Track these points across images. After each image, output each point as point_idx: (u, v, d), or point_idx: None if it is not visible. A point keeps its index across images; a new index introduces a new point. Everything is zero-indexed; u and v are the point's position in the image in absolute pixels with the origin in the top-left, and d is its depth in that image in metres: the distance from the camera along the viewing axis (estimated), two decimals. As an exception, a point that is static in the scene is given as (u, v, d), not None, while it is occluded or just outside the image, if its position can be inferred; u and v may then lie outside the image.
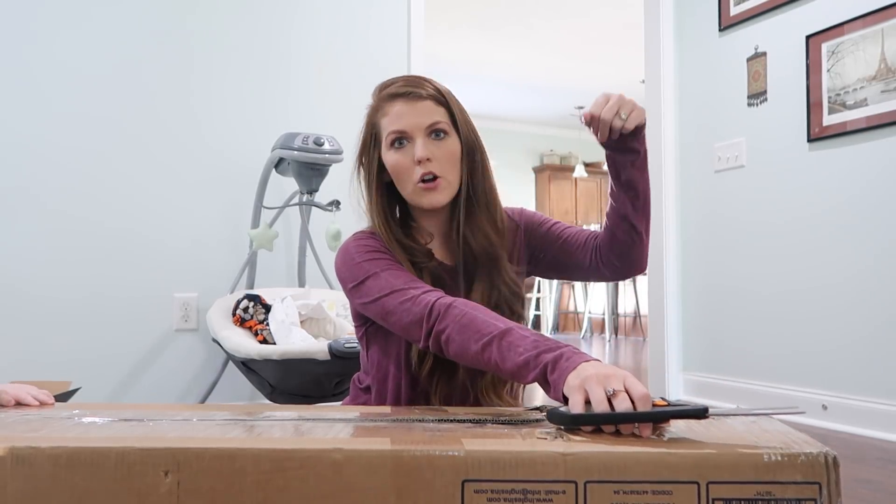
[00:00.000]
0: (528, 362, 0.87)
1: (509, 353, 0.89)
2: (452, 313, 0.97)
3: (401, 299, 1.02)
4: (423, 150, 1.08)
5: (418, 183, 1.09)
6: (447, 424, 0.81)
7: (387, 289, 1.04)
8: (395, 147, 1.10)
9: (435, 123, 1.10)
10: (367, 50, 2.85)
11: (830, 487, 0.66)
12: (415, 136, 1.09)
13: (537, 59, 6.58)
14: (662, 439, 0.73)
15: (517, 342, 0.90)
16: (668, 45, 3.17)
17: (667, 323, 3.12)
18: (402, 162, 1.09)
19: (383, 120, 1.12)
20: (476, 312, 0.96)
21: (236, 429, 0.76)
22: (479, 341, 0.92)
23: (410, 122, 1.09)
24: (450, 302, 0.98)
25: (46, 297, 2.34)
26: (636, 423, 0.75)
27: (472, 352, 0.93)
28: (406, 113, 1.09)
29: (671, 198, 3.15)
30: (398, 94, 1.11)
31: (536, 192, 9.49)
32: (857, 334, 2.41)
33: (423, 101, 1.10)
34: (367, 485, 0.67)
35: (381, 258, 1.08)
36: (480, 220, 1.13)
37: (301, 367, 1.90)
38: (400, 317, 1.02)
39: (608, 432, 0.76)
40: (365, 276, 1.07)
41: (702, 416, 0.75)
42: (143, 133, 2.50)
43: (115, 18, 2.48)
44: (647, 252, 1.20)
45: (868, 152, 2.41)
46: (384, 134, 1.11)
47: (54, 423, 0.79)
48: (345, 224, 2.08)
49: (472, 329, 0.94)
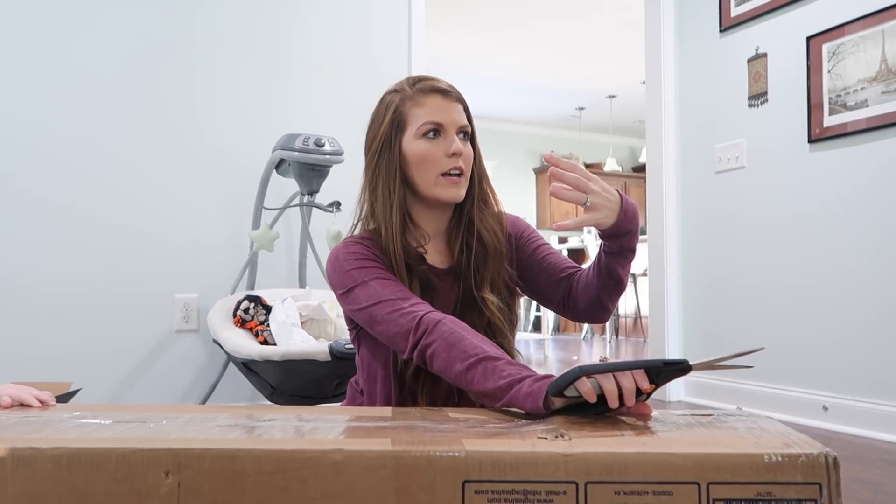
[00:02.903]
0: (510, 385, 0.89)
1: (492, 376, 0.92)
2: (440, 330, 0.99)
3: (389, 310, 1.04)
4: (459, 144, 1.13)
5: (445, 175, 1.13)
6: (448, 425, 0.81)
7: (374, 298, 1.06)
8: (427, 137, 1.13)
9: (465, 126, 1.16)
10: (367, 51, 2.86)
11: (831, 488, 0.66)
12: (449, 131, 1.14)
13: (538, 60, 6.58)
14: (657, 435, 0.73)
15: (502, 367, 0.92)
16: (669, 45, 3.17)
17: (667, 324, 3.12)
18: (433, 152, 1.13)
19: (416, 110, 1.14)
20: (464, 333, 0.99)
21: (237, 430, 0.76)
22: (465, 361, 0.95)
23: (448, 118, 1.14)
24: (439, 318, 1.01)
25: (47, 298, 2.34)
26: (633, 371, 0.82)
27: (456, 370, 0.96)
28: (444, 108, 1.14)
29: (672, 199, 3.15)
30: (437, 89, 1.16)
31: (537, 193, 9.49)
32: (858, 335, 2.41)
33: (455, 102, 1.17)
34: (367, 485, 0.67)
35: (370, 266, 1.10)
36: (490, 217, 1.20)
37: (302, 368, 1.90)
38: (387, 327, 1.05)
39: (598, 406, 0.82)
40: (353, 284, 1.09)
41: (685, 370, 0.84)
42: (144, 133, 2.50)
43: (120, 20, 2.48)
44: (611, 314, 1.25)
45: (868, 153, 2.40)
46: (415, 123, 1.14)
47: (55, 424, 0.79)
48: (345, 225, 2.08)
49: (459, 349, 0.96)
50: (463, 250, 1.17)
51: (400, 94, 1.17)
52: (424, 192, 1.15)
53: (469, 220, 1.18)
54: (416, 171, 1.14)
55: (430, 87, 1.16)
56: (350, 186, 2.59)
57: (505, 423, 0.82)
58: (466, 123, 1.16)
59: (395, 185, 1.14)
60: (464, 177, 1.15)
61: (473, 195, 1.19)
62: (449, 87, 1.17)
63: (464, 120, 1.16)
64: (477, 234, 1.17)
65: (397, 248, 1.12)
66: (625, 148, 10.01)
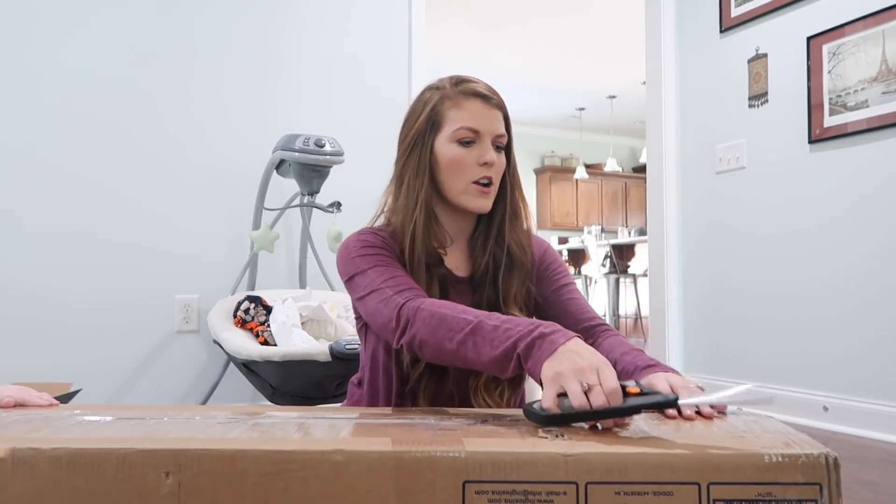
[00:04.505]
0: (505, 355, 0.88)
1: (484, 348, 0.90)
2: (421, 316, 0.97)
3: (377, 300, 1.03)
4: (493, 154, 1.10)
5: (474, 183, 1.11)
6: (448, 424, 0.81)
7: (368, 287, 1.06)
8: (461, 143, 1.11)
9: (501, 136, 1.13)
10: (368, 51, 2.86)
11: (831, 488, 0.66)
12: (484, 139, 1.11)
13: (538, 60, 6.58)
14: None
15: (489, 335, 0.90)
16: (669, 46, 3.17)
17: (668, 324, 3.12)
18: (466, 158, 1.11)
19: (454, 111, 1.11)
20: (444, 310, 0.96)
21: (237, 430, 0.76)
22: (453, 339, 0.93)
23: (485, 125, 1.11)
24: (418, 304, 0.99)
25: (48, 299, 2.34)
26: (611, 418, 0.76)
27: (448, 351, 0.94)
28: (483, 114, 1.11)
29: (672, 199, 3.15)
30: (479, 93, 1.12)
31: (537, 194, 9.50)
32: (858, 335, 2.41)
33: (496, 110, 1.13)
34: (367, 486, 0.67)
35: (374, 254, 1.09)
36: (519, 230, 1.17)
37: (302, 369, 1.90)
38: (376, 318, 1.04)
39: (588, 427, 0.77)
40: (355, 272, 1.09)
41: (672, 405, 0.77)
42: (144, 134, 2.50)
43: (116, 20, 2.48)
44: None
45: (869, 154, 2.40)
46: (451, 125, 1.11)
47: (55, 425, 0.79)
48: (346, 225, 2.08)
49: (444, 328, 0.94)
50: (488, 261, 1.15)
51: (440, 92, 1.14)
52: (452, 197, 1.13)
53: (499, 232, 1.16)
54: (445, 175, 1.12)
55: (472, 90, 1.12)
56: (350, 186, 2.61)
57: (505, 424, 0.82)
58: (503, 133, 1.13)
59: (422, 184, 1.12)
60: (493, 187, 1.12)
61: (505, 206, 1.16)
62: (491, 92, 1.13)
63: (501, 129, 1.13)
64: (507, 247, 1.14)
65: (418, 247, 1.10)
66: (625, 148, 10.01)
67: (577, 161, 9.17)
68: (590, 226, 8.40)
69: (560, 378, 0.79)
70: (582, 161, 9.01)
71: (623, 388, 0.77)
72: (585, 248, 7.11)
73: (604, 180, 9.72)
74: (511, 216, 1.16)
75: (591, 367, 0.78)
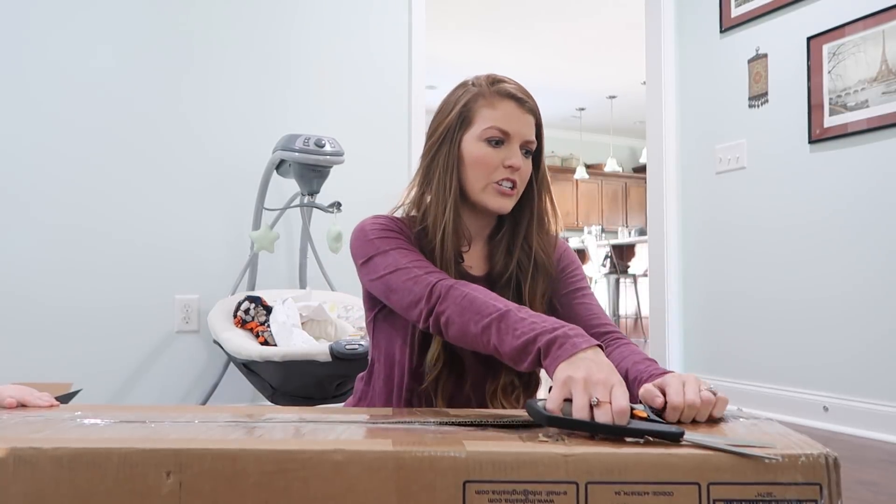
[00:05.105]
0: (525, 347, 0.88)
1: (506, 337, 0.90)
2: (453, 295, 0.97)
3: (404, 278, 1.03)
4: (519, 158, 1.10)
5: (497, 184, 1.10)
6: (448, 426, 0.81)
7: (392, 266, 1.05)
8: (489, 142, 1.10)
9: (530, 141, 1.13)
10: (368, 51, 2.86)
11: (831, 488, 0.66)
12: (513, 142, 1.11)
13: (538, 60, 6.58)
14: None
15: (515, 324, 0.90)
16: (670, 46, 3.17)
17: (668, 324, 3.12)
18: (492, 158, 1.10)
19: (487, 110, 1.11)
20: (476, 293, 0.97)
21: (238, 430, 0.76)
22: (479, 323, 0.93)
23: (516, 128, 1.11)
24: (451, 284, 0.99)
25: (48, 300, 2.34)
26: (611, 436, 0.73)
27: (472, 333, 0.94)
28: (516, 117, 1.11)
29: (672, 199, 3.15)
30: (513, 95, 1.12)
31: (537, 194, 9.47)
32: (858, 335, 2.41)
33: (529, 115, 1.13)
34: (368, 486, 0.67)
35: (393, 237, 1.09)
36: (545, 237, 1.17)
37: (302, 369, 1.90)
38: (402, 296, 1.03)
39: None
40: (374, 253, 1.08)
41: (676, 439, 0.71)
42: (143, 135, 2.50)
43: (115, 20, 2.48)
44: None
45: (869, 154, 2.40)
46: (481, 123, 1.11)
47: (56, 425, 0.79)
48: (346, 226, 2.08)
49: (472, 310, 0.95)
50: (510, 264, 1.14)
51: (475, 89, 1.13)
52: (472, 195, 1.12)
53: (525, 237, 1.15)
54: (468, 171, 1.11)
55: (507, 91, 1.11)
56: (350, 187, 2.60)
57: (506, 426, 0.82)
58: (533, 140, 1.12)
59: (451, 181, 1.11)
60: (515, 191, 1.12)
61: (532, 211, 1.16)
62: (526, 95, 1.13)
63: (531, 135, 1.12)
64: (534, 253, 1.14)
65: (447, 244, 1.10)
66: (625, 148, 10.01)
67: (578, 161, 9.17)
68: (590, 226, 8.40)
69: (570, 383, 0.78)
70: (582, 161, 9.01)
71: (630, 410, 0.75)
72: (585, 249, 7.11)
73: (604, 180, 9.72)
74: (538, 222, 1.16)
75: (604, 382, 0.76)
